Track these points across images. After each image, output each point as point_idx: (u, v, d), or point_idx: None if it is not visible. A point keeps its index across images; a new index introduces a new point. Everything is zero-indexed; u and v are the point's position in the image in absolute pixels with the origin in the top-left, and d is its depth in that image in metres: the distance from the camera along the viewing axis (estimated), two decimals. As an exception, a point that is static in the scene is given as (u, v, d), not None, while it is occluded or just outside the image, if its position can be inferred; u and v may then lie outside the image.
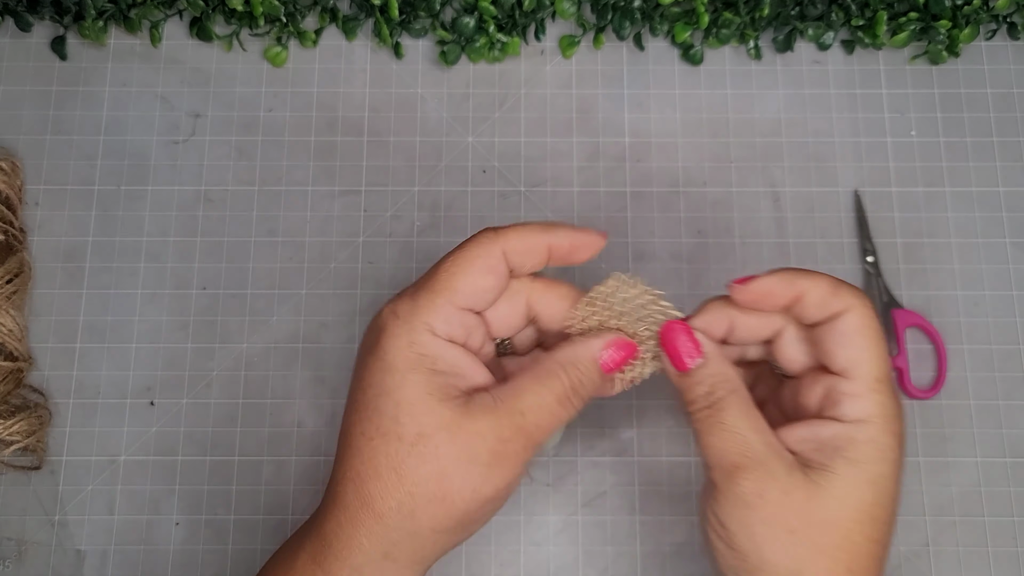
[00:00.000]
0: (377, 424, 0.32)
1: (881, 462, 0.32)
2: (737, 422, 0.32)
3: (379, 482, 0.31)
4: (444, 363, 0.32)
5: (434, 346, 0.32)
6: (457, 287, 0.32)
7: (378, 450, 0.31)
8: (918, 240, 0.49)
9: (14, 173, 0.48)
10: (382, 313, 0.33)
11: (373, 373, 0.32)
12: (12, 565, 0.45)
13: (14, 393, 0.45)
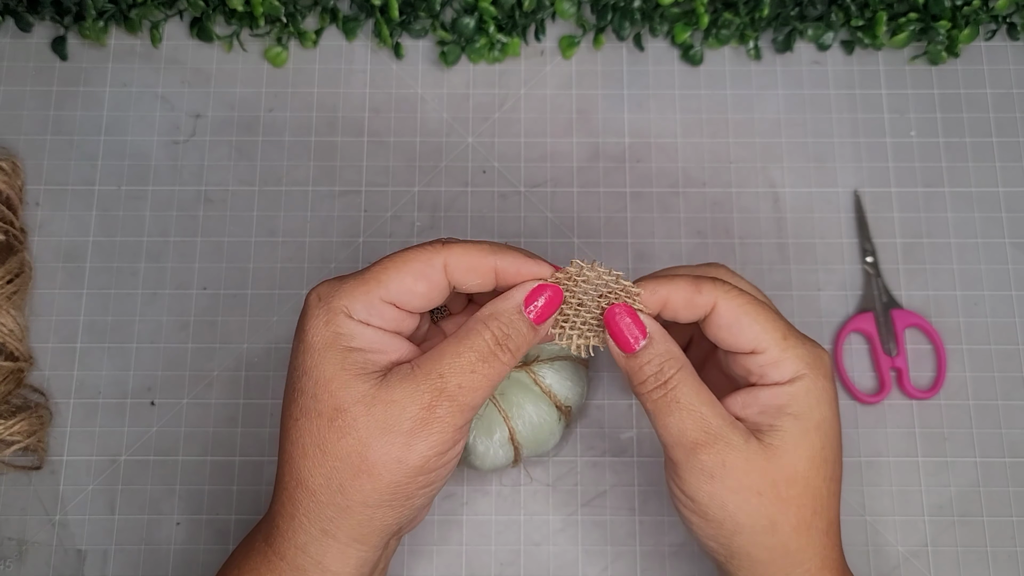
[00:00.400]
0: (301, 404, 0.32)
1: (820, 406, 0.33)
2: (691, 399, 0.33)
3: (306, 460, 0.32)
4: (361, 340, 0.32)
5: (349, 326, 0.32)
6: (384, 281, 0.33)
7: (303, 429, 0.32)
8: (917, 240, 0.49)
9: (15, 173, 0.48)
10: (308, 295, 0.33)
11: (296, 355, 0.33)
12: (13, 565, 0.45)
13: (15, 393, 0.46)
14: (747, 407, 0.34)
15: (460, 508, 0.46)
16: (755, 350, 0.33)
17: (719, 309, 0.34)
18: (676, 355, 0.34)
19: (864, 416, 0.46)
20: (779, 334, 0.33)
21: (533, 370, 0.43)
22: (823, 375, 0.34)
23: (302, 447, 0.32)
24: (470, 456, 0.42)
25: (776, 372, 0.33)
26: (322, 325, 0.32)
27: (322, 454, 0.32)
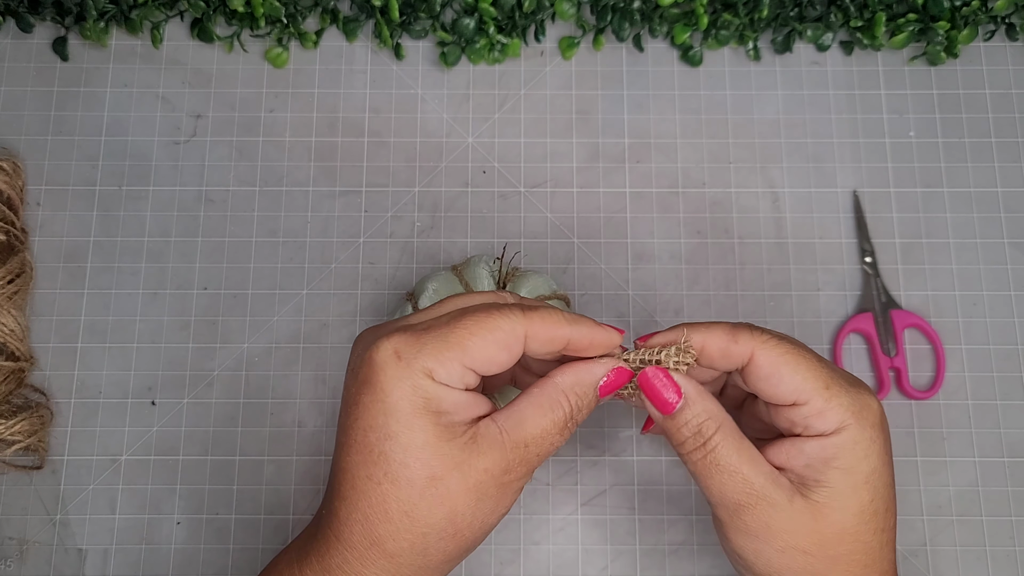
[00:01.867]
0: (384, 469, 0.31)
1: (868, 458, 0.32)
2: (731, 460, 0.33)
3: (390, 525, 0.31)
4: (447, 404, 0.32)
5: (435, 389, 0.31)
6: (469, 349, 0.32)
7: (388, 494, 0.31)
8: (916, 240, 0.49)
9: (16, 173, 0.49)
10: (380, 347, 0.32)
11: (375, 415, 0.31)
12: (14, 564, 0.45)
13: (16, 393, 0.46)
14: (792, 459, 0.33)
15: (460, 507, 0.46)
16: (797, 402, 0.33)
17: (757, 360, 0.33)
18: (715, 414, 0.33)
19: (863, 416, 0.47)
20: (821, 383, 0.33)
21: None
22: (870, 424, 0.33)
23: (384, 512, 0.31)
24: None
25: (820, 423, 0.33)
26: (408, 389, 0.31)
27: (410, 521, 0.31)
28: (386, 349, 0.32)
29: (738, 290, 0.48)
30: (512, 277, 0.44)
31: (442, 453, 0.31)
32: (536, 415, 0.32)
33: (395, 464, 0.31)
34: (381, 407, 0.31)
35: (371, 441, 0.31)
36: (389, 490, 0.31)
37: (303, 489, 0.46)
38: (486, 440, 0.32)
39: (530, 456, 0.32)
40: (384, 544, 0.31)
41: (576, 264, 0.49)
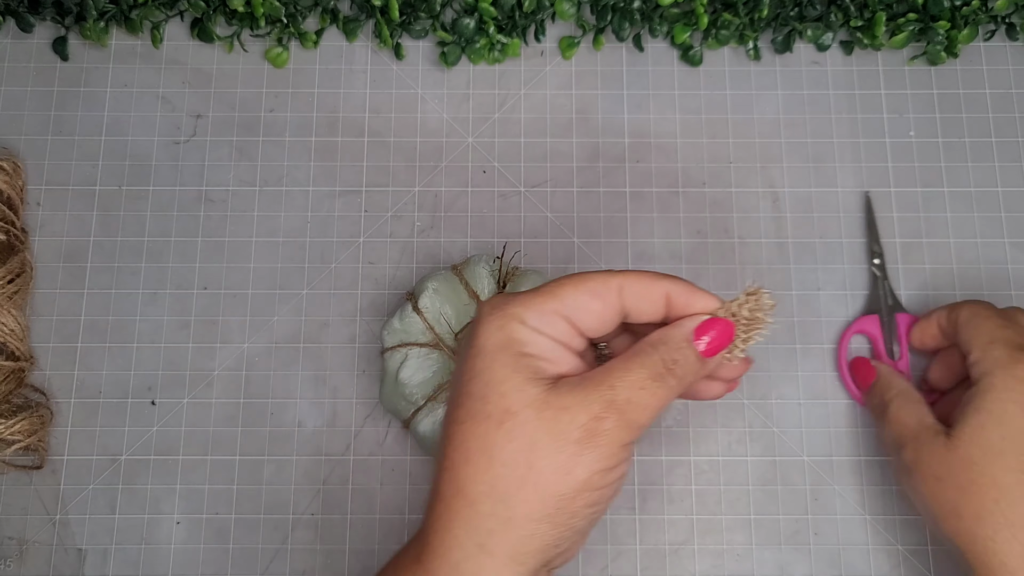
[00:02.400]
0: (468, 408, 0.31)
1: (1004, 402, 0.38)
2: (899, 414, 0.42)
3: (469, 466, 0.30)
4: (533, 347, 0.31)
5: (523, 332, 0.31)
6: (559, 295, 0.32)
7: (468, 433, 0.31)
8: (917, 240, 0.49)
9: (16, 173, 0.49)
10: (480, 305, 0.33)
11: (466, 360, 0.32)
12: (13, 564, 0.45)
13: (16, 393, 0.46)
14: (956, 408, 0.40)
15: (460, 507, 0.46)
16: (966, 350, 0.40)
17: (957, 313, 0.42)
18: (894, 383, 0.43)
19: (865, 416, 0.47)
20: (988, 337, 0.40)
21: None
22: (1014, 376, 0.38)
23: (465, 451, 0.31)
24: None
25: (974, 369, 0.40)
26: (495, 329, 0.31)
27: (488, 459, 0.30)
28: (486, 305, 0.33)
29: (738, 290, 0.48)
30: (512, 277, 0.44)
31: (518, 388, 0.30)
32: (621, 362, 0.31)
33: (476, 400, 0.31)
34: (472, 351, 0.32)
35: (460, 385, 0.32)
36: (469, 428, 0.31)
37: (303, 489, 0.46)
38: (566, 384, 0.31)
39: (618, 400, 0.30)
40: (466, 490, 0.30)
41: (576, 264, 0.49)
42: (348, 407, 0.47)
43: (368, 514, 0.46)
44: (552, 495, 0.30)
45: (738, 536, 0.45)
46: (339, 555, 0.45)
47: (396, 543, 0.45)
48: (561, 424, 0.30)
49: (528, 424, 0.30)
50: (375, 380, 0.47)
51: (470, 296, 0.44)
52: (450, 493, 0.31)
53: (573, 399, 0.30)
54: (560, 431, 0.30)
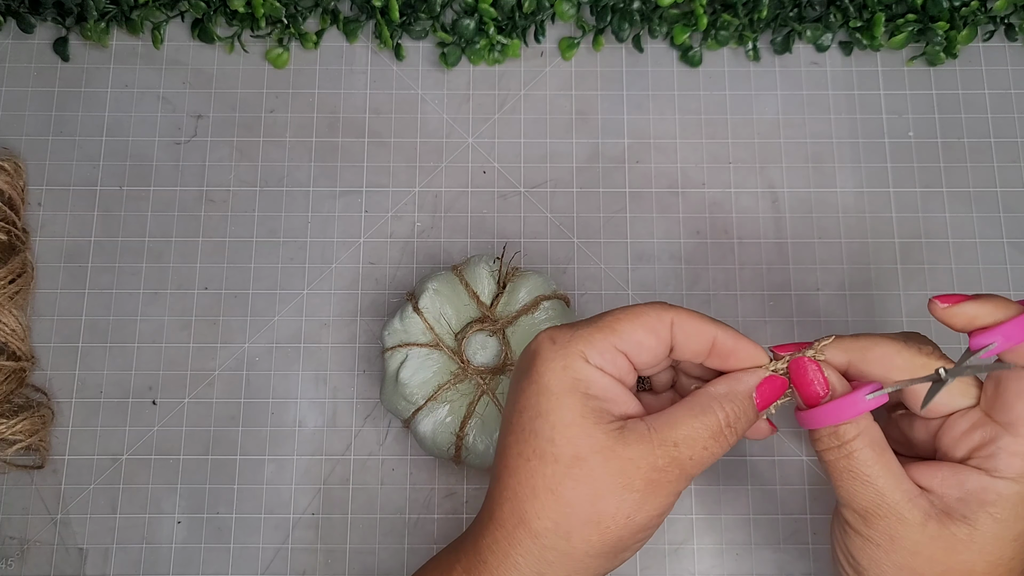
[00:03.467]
0: (534, 446, 0.32)
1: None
2: (869, 469, 0.32)
3: (536, 501, 0.32)
4: (598, 388, 0.32)
5: (588, 371, 0.32)
6: (618, 329, 0.33)
7: (535, 471, 0.32)
8: (916, 240, 0.49)
9: (17, 174, 0.49)
10: (538, 338, 0.33)
11: (528, 396, 0.32)
12: (14, 563, 0.45)
13: (17, 392, 0.46)
14: (946, 486, 0.32)
15: (461, 507, 0.46)
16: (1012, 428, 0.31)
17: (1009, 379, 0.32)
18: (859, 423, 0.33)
19: (863, 415, 0.47)
20: None
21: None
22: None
23: (532, 488, 0.32)
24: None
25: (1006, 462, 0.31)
26: (560, 369, 0.32)
27: (554, 498, 0.31)
28: (542, 338, 0.33)
29: (738, 290, 0.48)
30: (512, 277, 0.45)
31: (587, 433, 0.31)
32: (687, 416, 0.32)
33: (543, 440, 0.32)
34: (535, 388, 0.32)
35: (524, 421, 0.32)
36: (536, 466, 0.32)
37: (303, 488, 0.46)
38: (633, 433, 0.32)
39: (681, 457, 0.32)
40: (530, 523, 0.32)
41: (576, 264, 0.49)
42: (348, 407, 0.47)
43: (368, 514, 0.46)
44: (612, 536, 0.32)
45: (738, 536, 0.45)
46: (339, 555, 0.45)
47: (396, 543, 0.45)
48: (627, 474, 0.31)
49: (596, 470, 0.31)
50: (375, 380, 0.47)
51: (470, 296, 0.44)
52: (512, 523, 0.32)
53: (639, 451, 0.31)
54: (626, 482, 0.31)
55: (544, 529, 0.31)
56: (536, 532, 0.32)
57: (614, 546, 0.32)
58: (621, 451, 0.31)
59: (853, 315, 0.48)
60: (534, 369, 0.33)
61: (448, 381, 0.43)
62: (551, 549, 0.32)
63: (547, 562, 0.32)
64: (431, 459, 0.46)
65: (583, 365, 0.32)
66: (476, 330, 0.43)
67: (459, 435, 0.42)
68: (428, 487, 0.46)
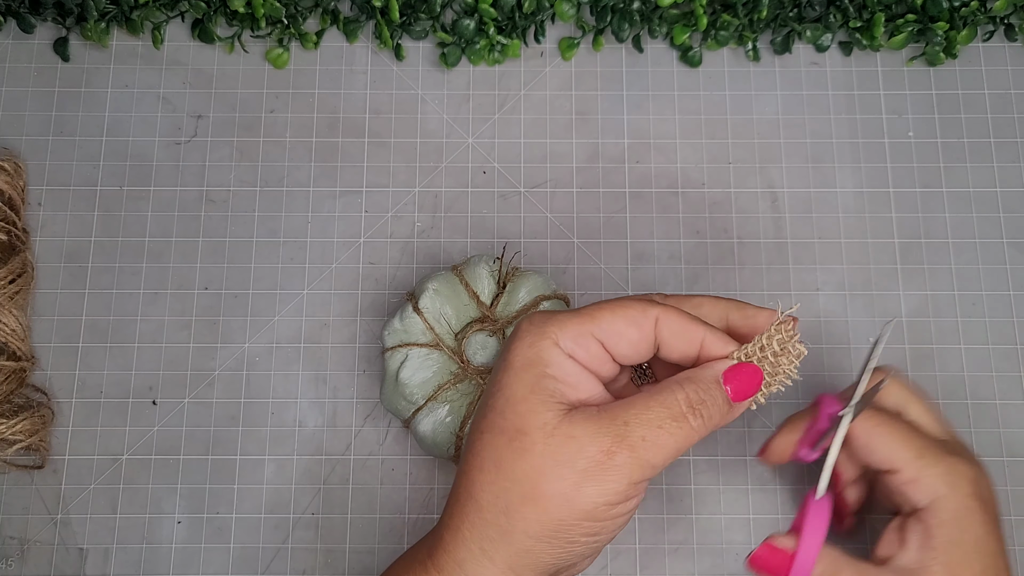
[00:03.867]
0: (489, 419, 0.32)
1: (971, 527, 0.34)
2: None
3: (482, 474, 0.32)
4: (557, 369, 0.32)
5: (551, 352, 0.32)
6: (597, 318, 0.32)
7: (486, 443, 0.32)
8: (916, 240, 0.49)
9: (17, 174, 0.49)
10: (520, 321, 0.34)
11: (495, 372, 0.33)
12: (15, 564, 0.45)
13: (17, 393, 0.46)
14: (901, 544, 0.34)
15: (460, 507, 0.46)
16: (891, 469, 0.35)
17: (854, 432, 0.35)
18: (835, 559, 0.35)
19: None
20: (913, 452, 0.34)
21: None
22: (964, 492, 0.34)
23: (480, 460, 0.32)
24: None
25: (914, 492, 0.34)
26: (526, 346, 0.32)
27: (496, 470, 0.31)
28: (523, 321, 0.33)
29: (737, 290, 0.48)
30: (512, 277, 0.45)
31: (533, 409, 0.31)
32: (642, 398, 0.31)
33: (496, 413, 0.32)
34: (500, 364, 0.33)
35: (487, 396, 0.33)
36: (488, 439, 0.32)
37: (303, 488, 0.46)
38: (580, 414, 0.31)
39: (632, 437, 0.30)
40: (477, 496, 0.32)
41: (576, 264, 0.49)
42: (348, 407, 0.47)
43: (368, 514, 0.46)
44: (551, 519, 0.31)
45: (738, 536, 0.45)
46: (339, 554, 0.45)
47: (396, 542, 0.45)
48: (567, 452, 0.30)
49: (536, 446, 0.31)
50: (375, 380, 0.47)
51: (470, 296, 0.44)
52: (464, 496, 0.32)
53: (583, 430, 0.31)
54: (566, 459, 0.30)
55: (487, 502, 0.31)
56: (480, 505, 0.31)
57: (555, 530, 0.31)
58: (565, 428, 0.31)
59: (853, 315, 0.48)
60: (507, 347, 0.33)
61: (448, 381, 0.43)
62: (492, 525, 0.31)
63: (488, 538, 0.31)
64: (431, 459, 0.46)
65: (549, 346, 0.32)
66: (476, 330, 0.43)
67: (459, 435, 0.42)
68: (428, 487, 0.46)
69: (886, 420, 0.35)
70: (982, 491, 0.35)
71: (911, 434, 0.35)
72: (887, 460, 0.35)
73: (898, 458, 0.34)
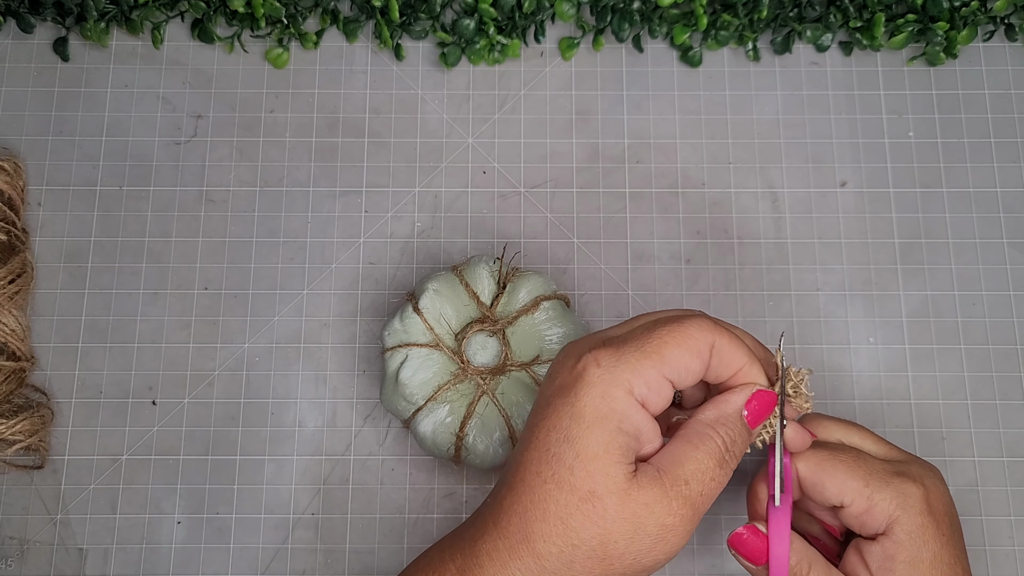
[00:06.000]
0: (554, 469, 0.32)
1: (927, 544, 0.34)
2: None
3: (545, 525, 0.31)
4: (631, 424, 0.32)
5: (627, 405, 0.32)
6: (665, 355, 0.32)
7: (549, 494, 0.31)
8: (916, 240, 0.49)
9: (17, 174, 0.49)
10: (583, 357, 0.33)
11: (561, 417, 0.32)
12: (14, 564, 0.45)
13: (17, 393, 0.46)
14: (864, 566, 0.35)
15: (460, 507, 0.46)
16: (842, 504, 0.35)
17: (801, 473, 0.35)
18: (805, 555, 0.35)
19: (862, 416, 0.47)
20: (859, 482, 0.35)
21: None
22: (917, 511, 0.34)
23: (543, 511, 0.31)
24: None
25: (870, 521, 0.35)
26: (599, 396, 0.32)
27: (563, 528, 0.31)
28: (588, 358, 0.32)
29: (737, 290, 0.48)
30: (512, 277, 0.45)
31: (607, 472, 0.31)
32: (688, 450, 0.32)
33: (564, 467, 0.31)
34: (569, 410, 0.32)
35: (550, 441, 0.32)
36: (552, 490, 0.31)
37: (303, 488, 0.46)
38: (646, 476, 0.31)
39: (692, 495, 0.31)
40: (535, 542, 0.31)
41: (576, 264, 0.49)
42: (348, 407, 0.47)
43: (368, 513, 0.46)
44: (615, 572, 0.32)
45: (737, 536, 0.45)
46: (339, 554, 0.45)
47: (396, 542, 0.45)
48: (640, 520, 0.31)
49: (608, 512, 0.31)
50: (375, 380, 0.47)
51: (470, 297, 0.44)
52: (517, 538, 0.32)
53: (653, 496, 0.31)
54: (639, 526, 0.31)
55: (548, 553, 0.31)
56: (539, 554, 0.31)
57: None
58: (636, 495, 0.31)
59: (853, 315, 0.48)
60: (573, 391, 0.32)
61: (448, 381, 0.43)
62: (551, 571, 0.31)
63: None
64: (431, 459, 0.46)
65: (624, 397, 0.32)
66: (476, 330, 0.43)
67: (459, 435, 0.42)
68: (428, 487, 0.46)
69: (828, 455, 0.35)
70: (933, 505, 0.35)
71: (855, 463, 0.35)
72: (837, 495, 0.35)
73: (847, 490, 0.35)
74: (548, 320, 0.44)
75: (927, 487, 0.35)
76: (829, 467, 0.35)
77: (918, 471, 0.36)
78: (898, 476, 0.35)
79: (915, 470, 0.36)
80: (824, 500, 0.35)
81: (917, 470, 0.36)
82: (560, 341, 0.43)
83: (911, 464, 0.36)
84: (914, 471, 0.36)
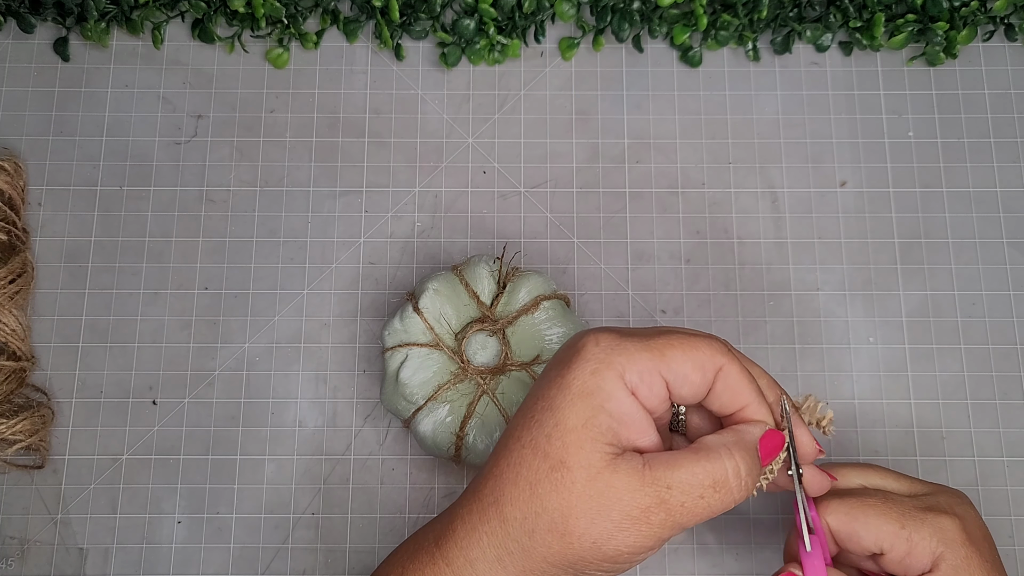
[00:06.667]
0: (533, 435, 0.32)
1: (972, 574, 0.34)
2: None
3: (515, 489, 0.31)
4: (616, 406, 0.31)
5: (614, 386, 0.31)
6: (667, 356, 0.32)
7: (525, 459, 0.31)
8: (916, 240, 0.49)
9: (17, 174, 0.49)
10: (586, 335, 0.32)
11: (550, 387, 0.32)
12: (15, 563, 0.45)
13: (17, 392, 0.46)
14: None
15: (460, 507, 0.46)
16: (882, 551, 0.34)
17: (833, 526, 0.35)
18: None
19: (862, 416, 0.47)
20: (896, 525, 0.34)
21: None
22: (959, 543, 0.34)
23: (515, 474, 0.31)
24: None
25: (915, 563, 0.34)
26: (588, 372, 0.31)
27: (530, 491, 0.31)
28: (589, 336, 0.32)
29: (737, 290, 0.48)
30: (512, 277, 0.45)
31: (581, 445, 0.31)
32: (689, 460, 0.31)
33: (542, 434, 0.31)
34: (559, 381, 0.32)
35: (536, 408, 0.32)
36: (527, 456, 0.31)
37: (303, 488, 0.46)
38: (627, 463, 0.31)
39: (671, 502, 0.30)
40: (503, 505, 0.31)
41: (576, 264, 0.49)
42: (348, 407, 0.47)
43: (368, 513, 0.46)
44: (574, 554, 0.31)
45: (738, 536, 0.45)
46: (340, 554, 0.45)
47: (396, 542, 0.45)
48: (605, 501, 0.30)
49: (575, 485, 0.30)
50: (375, 380, 0.47)
51: (470, 296, 0.44)
52: (489, 500, 0.32)
53: (626, 483, 0.30)
54: (602, 507, 0.30)
55: (513, 517, 0.31)
56: (505, 517, 0.31)
57: (574, 563, 0.31)
58: (608, 476, 0.30)
59: (853, 315, 0.48)
60: (567, 364, 0.32)
61: (448, 381, 0.43)
62: (514, 540, 0.31)
63: (507, 550, 0.31)
64: (431, 459, 0.46)
65: (614, 377, 0.31)
66: (476, 330, 0.43)
67: (459, 435, 0.42)
68: (428, 487, 0.46)
69: (857, 503, 0.35)
70: (972, 534, 0.35)
71: (885, 506, 0.35)
72: (875, 542, 0.34)
73: (884, 535, 0.34)
74: (548, 320, 0.44)
75: (961, 516, 0.35)
76: (860, 515, 0.34)
77: (947, 501, 0.35)
78: (931, 512, 0.35)
79: (944, 501, 0.35)
80: (862, 550, 0.35)
81: (946, 500, 0.36)
82: (560, 341, 0.43)
83: (938, 495, 0.36)
84: (943, 502, 0.35)
